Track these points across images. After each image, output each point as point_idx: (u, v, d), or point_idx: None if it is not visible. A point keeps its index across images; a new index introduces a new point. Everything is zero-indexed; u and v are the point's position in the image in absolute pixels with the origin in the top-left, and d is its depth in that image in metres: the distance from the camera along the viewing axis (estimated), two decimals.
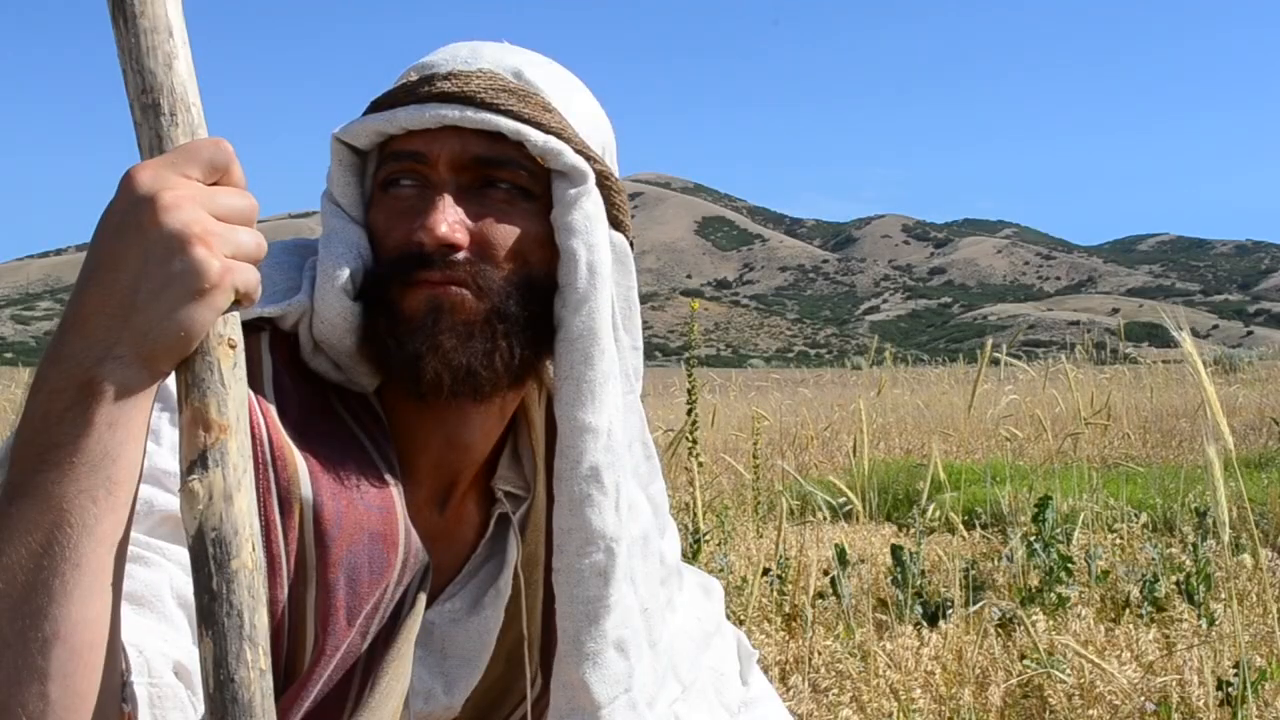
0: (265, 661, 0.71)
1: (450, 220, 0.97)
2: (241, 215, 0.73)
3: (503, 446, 1.12)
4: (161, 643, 0.81)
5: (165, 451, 0.88)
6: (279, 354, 0.99)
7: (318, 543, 0.94)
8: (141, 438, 0.71)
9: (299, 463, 0.94)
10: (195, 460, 0.71)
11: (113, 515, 0.70)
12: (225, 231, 0.71)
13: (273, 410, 0.95)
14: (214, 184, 0.72)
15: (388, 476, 0.99)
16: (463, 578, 1.10)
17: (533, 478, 1.13)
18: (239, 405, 0.72)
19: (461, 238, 0.97)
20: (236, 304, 0.72)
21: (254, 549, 0.71)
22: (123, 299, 0.69)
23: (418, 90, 0.99)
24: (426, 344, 0.97)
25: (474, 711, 1.12)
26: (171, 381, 0.86)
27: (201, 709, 0.81)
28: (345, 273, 0.97)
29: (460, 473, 1.08)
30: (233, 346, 0.73)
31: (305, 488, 0.93)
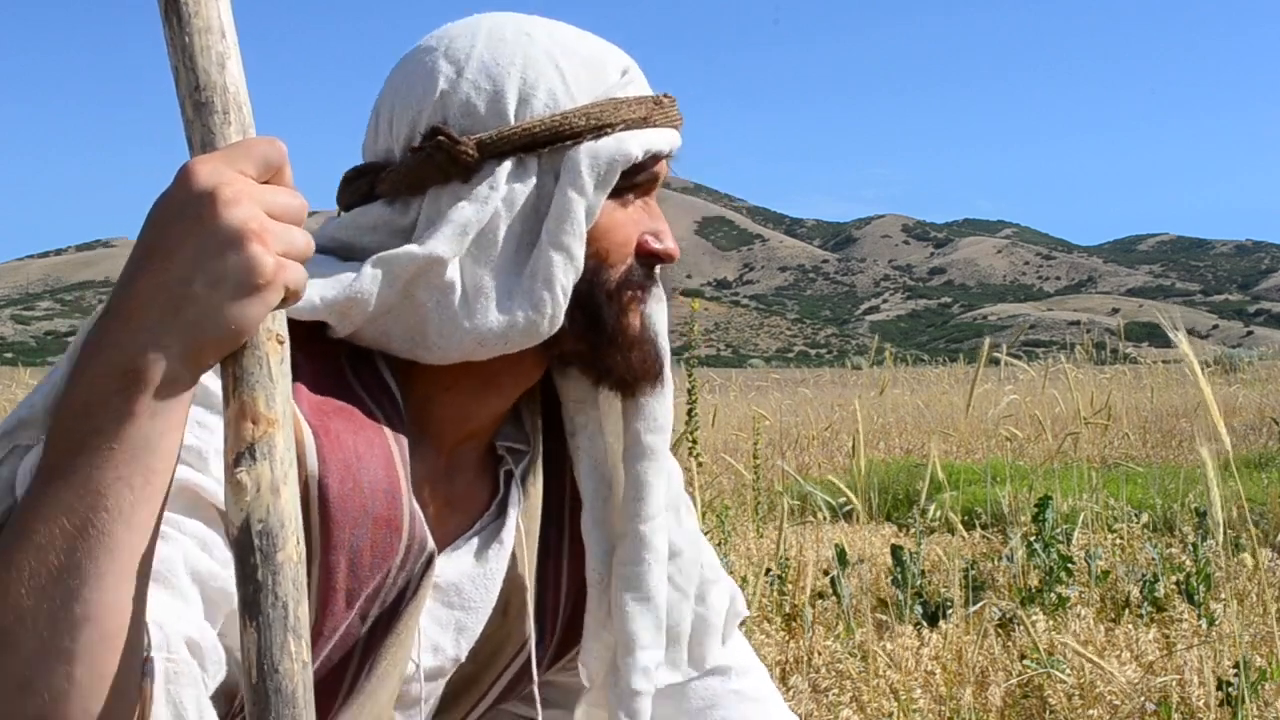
0: (308, 654, 0.72)
1: None
2: (294, 214, 0.73)
3: None
4: (176, 619, 0.81)
5: None
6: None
7: (321, 522, 0.95)
8: (180, 429, 0.72)
9: (308, 439, 0.94)
10: (243, 453, 0.71)
11: (148, 504, 0.70)
12: (280, 230, 0.71)
13: None
14: (266, 182, 0.73)
15: (397, 458, 1.00)
16: (469, 532, 1.11)
17: (531, 431, 1.16)
18: (285, 400, 0.73)
19: None
20: (284, 301, 0.73)
21: (298, 542, 0.72)
22: (174, 290, 0.69)
23: (670, 113, 1.07)
24: (645, 353, 1.08)
25: (473, 663, 1.14)
26: None
27: (212, 683, 0.83)
28: (571, 284, 1.02)
29: (475, 441, 1.11)
30: (281, 342, 0.73)
31: (312, 463, 0.94)
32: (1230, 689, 2.47)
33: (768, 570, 3.69)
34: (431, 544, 1.02)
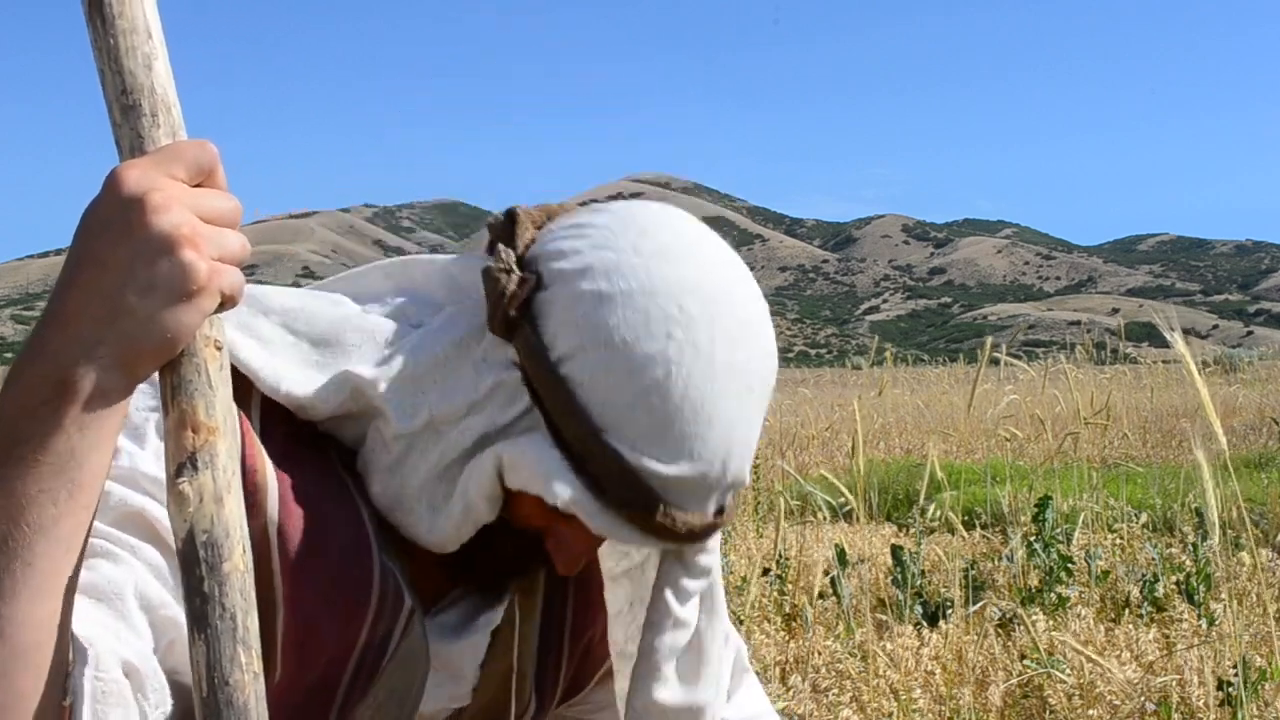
0: (258, 664, 0.71)
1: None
2: (227, 217, 0.72)
3: None
4: (114, 640, 0.79)
5: (149, 456, 0.86)
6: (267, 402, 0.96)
7: (282, 570, 0.91)
8: (111, 443, 0.70)
9: (270, 482, 0.91)
10: (184, 463, 0.70)
11: (72, 519, 0.69)
12: (212, 234, 0.70)
13: (251, 425, 0.93)
14: (197, 185, 0.71)
15: (366, 517, 0.96)
16: (458, 594, 1.07)
17: None
18: (226, 407, 0.71)
19: None
20: (221, 306, 0.71)
21: (244, 551, 0.71)
22: (107, 300, 0.67)
23: (655, 527, 0.90)
24: (487, 572, 1.00)
25: (484, 716, 1.11)
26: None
27: (150, 710, 0.80)
28: (477, 524, 0.94)
29: None
30: (219, 348, 0.72)
31: (273, 509, 0.91)
32: (1230, 689, 2.47)
33: (766, 570, 3.69)
34: (409, 599, 0.98)
